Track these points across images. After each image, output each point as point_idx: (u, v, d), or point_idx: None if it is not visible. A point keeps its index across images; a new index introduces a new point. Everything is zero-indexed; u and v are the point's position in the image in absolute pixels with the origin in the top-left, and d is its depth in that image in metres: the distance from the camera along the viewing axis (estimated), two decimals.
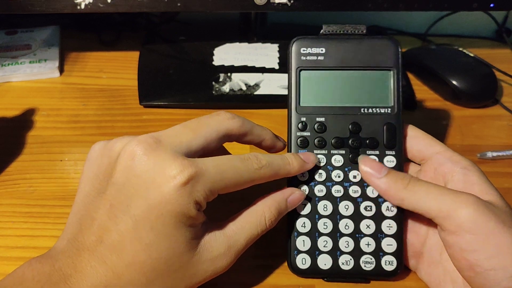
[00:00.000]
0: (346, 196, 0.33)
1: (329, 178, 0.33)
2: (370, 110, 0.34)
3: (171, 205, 0.27)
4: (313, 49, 0.34)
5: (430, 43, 0.65)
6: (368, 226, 0.33)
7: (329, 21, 0.34)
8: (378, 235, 0.32)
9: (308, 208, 0.33)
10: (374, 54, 0.34)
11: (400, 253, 0.33)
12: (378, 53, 0.34)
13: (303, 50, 0.34)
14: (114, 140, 0.30)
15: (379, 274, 0.32)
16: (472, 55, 0.58)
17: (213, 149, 0.31)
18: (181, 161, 0.28)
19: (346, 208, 0.33)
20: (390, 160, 0.33)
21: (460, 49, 0.61)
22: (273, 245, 0.35)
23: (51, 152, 0.44)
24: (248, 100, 0.50)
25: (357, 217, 0.33)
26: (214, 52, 0.56)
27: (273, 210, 0.31)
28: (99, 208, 0.28)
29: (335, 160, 0.33)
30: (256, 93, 0.51)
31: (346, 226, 0.33)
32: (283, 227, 0.33)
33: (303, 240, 0.33)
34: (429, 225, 0.33)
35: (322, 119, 0.34)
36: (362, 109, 0.34)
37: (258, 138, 0.33)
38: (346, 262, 0.32)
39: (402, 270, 0.33)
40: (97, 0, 0.45)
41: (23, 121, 0.47)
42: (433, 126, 0.49)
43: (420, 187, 0.30)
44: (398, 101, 0.34)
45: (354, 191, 0.33)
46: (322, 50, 0.34)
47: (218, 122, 0.31)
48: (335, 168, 0.33)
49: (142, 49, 0.57)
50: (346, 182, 0.33)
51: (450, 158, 0.32)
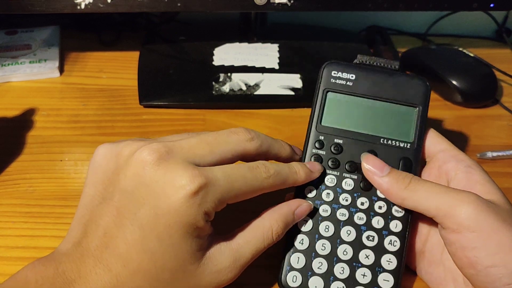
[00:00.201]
0: (350, 222, 0.32)
1: (336, 200, 0.33)
2: (390, 142, 0.33)
3: (180, 216, 0.27)
4: (344, 74, 0.34)
5: (430, 43, 0.65)
6: (367, 257, 0.31)
7: (329, 21, 0.35)
8: (376, 268, 0.31)
9: (309, 225, 0.32)
10: (402, 89, 0.34)
11: None
12: (406, 89, 0.34)
13: (334, 73, 0.34)
14: (122, 144, 0.30)
15: None
16: (472, 55, 0.58)
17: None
18: (191, 171, 0.27)
19: (348, 233, 0.32)
20: None
21: (460, 49, 0.61)
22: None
23: (51, 152, 0.44)
24: (248, 100, 0.50)
25: (357, 245, 0.32)
26: (214, 52, 0.56)
27: (280, 223, 0.30)
28: (105, 214, 0.28)
29: (345, 183, 0.33)
30: (256, 93, 0.51)
31: (344, 251, 0.32)
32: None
33: (298, 257, 0.32)
34: (430, 225, 0.33)
35: (340, 141, 0.34)
36: (382, 139, 0.34)
37: (274, 156, 0.33)
38: None
39: None
40: (97, 0, 0.45)
41: (23, 121, 0.47)
42: (433, 126, 0.48)
43: (421, 186, 0.30)
44: (420, 139, 0.33)
45: (359, 218, 0.32)
46: (352, 77, 0.34)
47: (237, 142, 0.30)
48: (345, 191, 0.33)
49: (142, 49, 0.57)
50: (352, 208, 0.32)
51: (455, 156, 0.33)
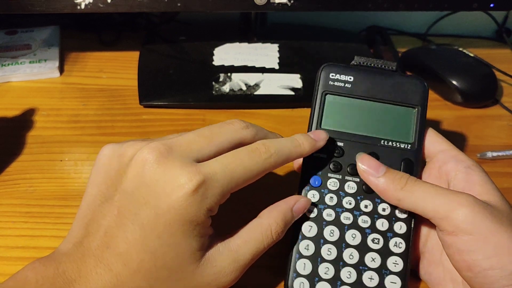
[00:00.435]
0: (354, 225, 0.32)
1: (339, 204, 0.32)
2: (390, 144, 0.33)
3: (180, 214, 0.27)
4: (342, 76, 0.34)
5: (430, 43, 0.65)
6: (373, 260, 0.31)
7: (329, 21, 0.34)
8: (382, 271, 0.31)
9: (314, 230, 0.32)
10: (401, 90, 0.34)
11: None
12: (405, 90, 0.34)
13: (332, 75, 0.34)
14: (126, 144, 0.30)
15: None
16: (472, 55, 0.58)
17: None
18: (190, 169, 0.27)
19: (353, 237, 0.32)
20: None
21: (460, 49, 0.61)
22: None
23: (51, 152, 0.44)
24: (248, 100, 0.50)
25: (363, 248, 0.31)
26: (214, 52, 0.56)
27: (279, 221, 0.30)
28: (106, 214, 0.28)
29: (348, 186, 0.33)
30: (256, 93, 0.51)
31: (350, 255, 0.31)
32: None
33: (304, 264, 0.31)
34: (430, 225, 0.33)
35: (341, 144, 0.33)
36: (382, 141, 0.33)
37: None
38: None
39: None
40: (97, 0, 0.45)
41: (23, 121, 0.47)
42: (433, 126, 0.48)
43: (417, 187, 0.30)
44: (420, 139, 0.33)
45: (364, 221, 0.32)
46: (350, 78, 0.34)
47: (232, 131, 0.31)
48: (348, 194, 0.32)
49: (142, 49, 0.57)
50: (356, 211, 0.32)
51: (455, 156, 0.32)
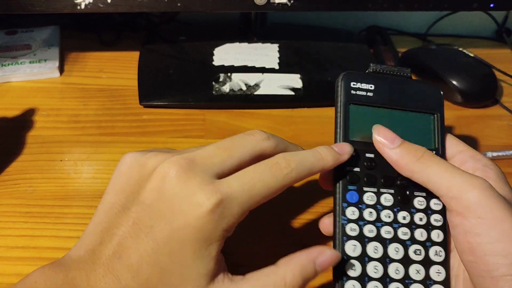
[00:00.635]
0: (396, 238, 0.31)
1: (378, 218, 0.31)
2: None
3: (194, 233, 0.26)
4: (363, 84, 0.34)
5: (430, 43, 0.65)
6: (418, 272, 0.30)
7: (329, 21, 0.34)
8: (427, 282, 0.30)
9: (358, 249, 0.30)
10: (419, 97, 0.34)
11: None
12: (423, 97, 0.34)
13: (353, 84, 0.33)
14: (148, 155, 0.29)
15: None
16: (472, 55, 0.58)
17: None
18: (209, 187, 0.27)
19: (396, 251, 0.30)
20: (436, 203, 0.32)
21: (460, 49, 0.61)
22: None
23: (51, 152, 0.44)
24: (248, 100, 0.50)
25: (407, 261, 0.30)
26: (214, 52, 0.56)
27: (296, 274, 0.27)
28: (122, 224, 0.28)
29: (385, 199, 0.31)
30: (256, 93, 0.51)
31: (396, 270, 0.30)
32: None
33: (353, 285, 0.29)
34: None
35: (372, 155, 0.32)
36: None
37: None
38: None
39: None
40: (97, 0, 0.45)
41: (23, 121, 0.47)
42: None
43: (433, 162, 0.30)
44: (442, 144, 0.33)
45: (404, 233, 0.31)
46: (371, 87, 0.34)
47: (253, 143, 0.30)
48: (385, 207, 0.31)
49: (142, 49, 0.57)
50: (395, 223, 0.31)
51: (473, 156, 0.33)
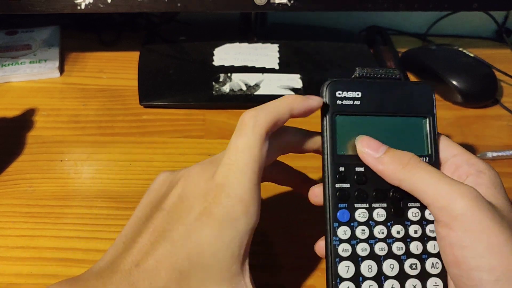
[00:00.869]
0: (390, 254, 0.29)
1: (371, 235, 0.30)
2: None
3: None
4: (349, 92, 0.31)
5: (430, 43, 0.65)
6: (414, 287, 0.29)
7: (329, 21, 0.34)
8: None
9: (352, 270, 0.29)
10: (409, 99, 0.32)
11: None
12: (413, 99, 0.32)
13: (339, 93, 0.31)
14: (180, 173, 0.30)
15: None
16: (472, 55, 0.58)
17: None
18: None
19: (391, 268, 0.29)
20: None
21: (460, 49, 0.61)
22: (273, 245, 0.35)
23: (51, 152, 0.44)
24: (248, 100, 0.50)
25: (402, 277, 0.29)
26: (214, 52, 0.56)
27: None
28: (143, 232, 0.28)
29: (377, 214, 0.30)
30: (256, 93, 0.51)
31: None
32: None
33: None
34: None
35: (361, 169, 0.30)
36: None
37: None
38: None
39: None
40: (97, 0, 0.45)
41: (23, 121, 0.47)
42: None
43: (419, 168, 0.29)
44: (436, 149, 0.31)
45: (398, 248, 0.29)
46: (358, 94, 0.31)
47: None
48: (378, 223, 0.30)
49: (142, 49, 0.57)
50: (389, 239, 0.30)
51: (467, 160, 0.31)
